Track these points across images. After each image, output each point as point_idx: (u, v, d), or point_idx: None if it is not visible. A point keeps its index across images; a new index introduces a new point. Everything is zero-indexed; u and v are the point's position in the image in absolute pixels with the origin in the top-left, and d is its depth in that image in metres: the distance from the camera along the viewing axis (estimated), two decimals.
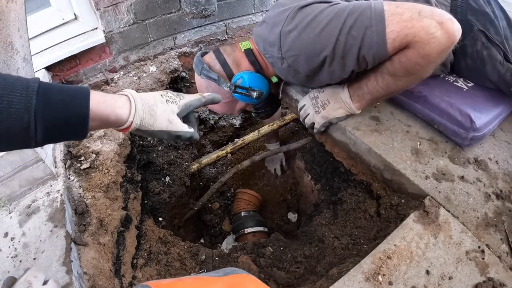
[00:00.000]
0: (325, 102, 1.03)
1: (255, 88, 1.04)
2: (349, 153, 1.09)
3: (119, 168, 1.10)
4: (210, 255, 1.17)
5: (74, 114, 0.50)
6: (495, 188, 0.92)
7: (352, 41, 0.81)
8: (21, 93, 0.45)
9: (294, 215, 1.78)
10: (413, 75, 0.85)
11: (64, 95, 0.50)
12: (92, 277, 0.81)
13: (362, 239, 0.98)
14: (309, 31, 0.85)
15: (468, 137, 0.95)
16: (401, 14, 0.77)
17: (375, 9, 0.79)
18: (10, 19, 0.74)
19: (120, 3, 1.35)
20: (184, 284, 0.50)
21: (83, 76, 1.45)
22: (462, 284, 0.73)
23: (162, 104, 0.63)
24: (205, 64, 1.05)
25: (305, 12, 0.87)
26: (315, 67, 0.91)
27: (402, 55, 0.81)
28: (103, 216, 0.96)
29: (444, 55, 0.79)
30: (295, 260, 1.09)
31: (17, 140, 0.47)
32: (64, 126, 0.50)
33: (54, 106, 0.48)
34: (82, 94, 0.51)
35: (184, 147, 1.63)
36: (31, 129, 0.46)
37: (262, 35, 0.99)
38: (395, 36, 0.77)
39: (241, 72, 1.05)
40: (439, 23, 0.74)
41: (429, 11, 0.76)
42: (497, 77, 0.98)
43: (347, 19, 0.81)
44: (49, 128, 0.48)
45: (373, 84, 0.91)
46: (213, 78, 1.04)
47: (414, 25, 0.75)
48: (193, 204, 1.57)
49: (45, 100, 0.47)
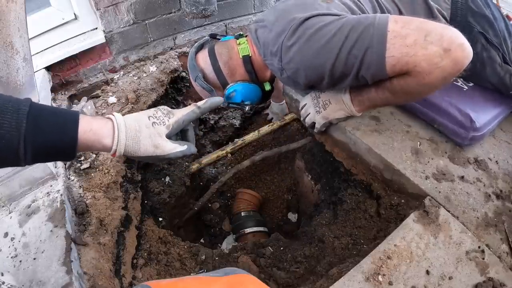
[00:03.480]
0: (326, 102, 1.03)
1: (246, 103, 1.06)
2: (349, 153, 1.09)
3: (119, 168, 1.10)
4: (210, 255, 1.17)
5: (62, 141, 0.52)
6: (495, 188, 0.92)
7: (353, 60, 0.78)
8: (12, 115, 0.46)
9: (294, 215, 1.78)
10: (412, 96, 0.84)
11: (54, 121, 0.51)
12: (92, 277, 0.81)
13: (362, 239, 0.98)
14: (310, 46, 0.83)
15: (468, 137, 0.96)
16: (404, 38, 0.71)
17: (378, 27, 0.74)
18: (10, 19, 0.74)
19: (120, 3, 1.35)
20: (184, 284, 0.50)
21: (83, 76, 1.45)
22: (462, 284, 0.73)
23: (147, 128, 0.61)
24: (199, 73, 1.05)
25: (308, 25, 0.83)
26: (314, 81, 0.91)
27: (402, 79, 0.77)
28: (103, 216, 0.96)
29: (448, 82, 0.75)
30: (295, 260, 1.09)
31: (7, 160, 0.49)
32: (52, 150, 0.52)
33: (44, 131, 0.49)
34: (72, 122, 0.53)
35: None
36: (20, 152, 0.48)
37: (263, 41, 0.96)
38: (395, 63, 0.73)
39: (235, 84, 1.05)
40: (445, 51, 0.68)
41: (438, 35, 0.69)
42: (497, 79, 0.99)
43: (349, 36, 0.77)
44: (38, 151, 0.50)
45: (373, 95, 0.90)
46: (207, 90, 1.05)
47: (417, 53, 0.70)
48: (193, 204, 1.57)
49: (35, 125, 0.48)
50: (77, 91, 1.43)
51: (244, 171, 1.90)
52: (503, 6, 1.13)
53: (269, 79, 1.09)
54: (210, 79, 1.06)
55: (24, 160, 0.49)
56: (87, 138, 0.55)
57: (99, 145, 0.57)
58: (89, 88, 1.46)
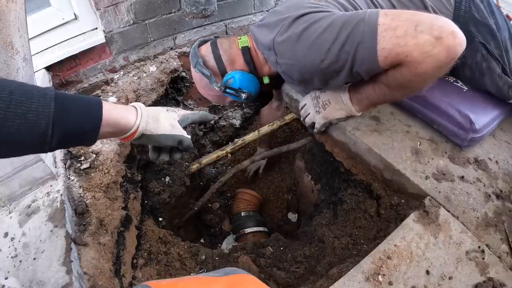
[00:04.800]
0: (326, 102, 1.03)
1: (244, 90, 1.05)
2: (349, 153, 1.09)
3: (119, 168, 1.10)
4: (210, 255, 1.17)
5: (88, 122, 0.55)
6: (495, 188, 0.92)
7: (345, 56, 0.78)
8: (39, 100, 0.47)
9: (294, 215, 1.79)
10: (409, 89, 0.84)
11: (80, 104, 0.54)
12: (92, 277, 0.81)
13: (362, 239, 0.98)
14: (301, 43, 0.84)
15: (468, 138, 0.95)
16: (395, 29, 0.71)
17: (368, 22, 0.74)
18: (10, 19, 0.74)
19: (120, 3, 1.35)
20: (184, 284, 0.50)
21: (83, 76, 1.45)
22: (462, 284, 0.73)
23: (164, 112, 0.71)
24: (200, 59, 1.05)
25: (300, 22, 0.84)
26: (307, 77, 0.91)
27: (396, 71, 0.78)
28: (103, 216, 0.96)
29: (443, 71, 0.75)
30: (295, 260, 1.09)
31: (33, 145, 0.49)
32: (77, 132, 0.53)
33: (71, 113, 0.51)
34: (97, 104, 0.56)
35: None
36: (48, 135, 0.48)
37: (260, 39, 0.99)
38: (387, 54, 0.73)
39: (233, 71, 1.05)
40: (437, 39, 0.68)
41: (428, 24, 0.69)
42: (495, 89, 0.99)
43: (340, 32, 0.77)
44: (64, 134, 0.51)
45: (370, 92, 0.90)
46: (205, 75, 1.05)
47: (407, 43, 0.70)
48: (193, 204, 1.57)
49: (62, 107, 0.50)
50: (77, 91, 1.43)
51: (244, 171, 1.90)
52: (503, 6, 1.13)
53: (268, 74, 1.09)
54: (210, 66, 1.07)
55: (50, 144, 0.49)
56: (112, 115, 0.59)
57: (123, 121, 0.61)
58: (89, 88, 1.46)
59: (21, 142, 0.47)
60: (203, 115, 0.79)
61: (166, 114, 0.71)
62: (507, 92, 0.98)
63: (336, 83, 0.90)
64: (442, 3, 0.97)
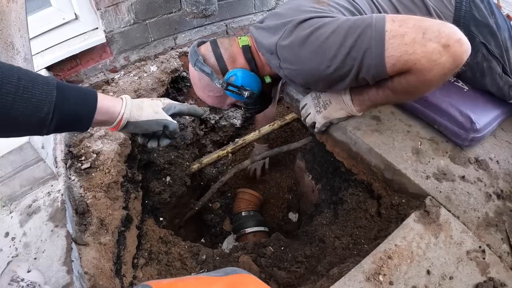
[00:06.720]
0: (326, 102, 1.03)
1: (246, 88, 1.03)
2: (350, 153, 1.09)
3: (119, 168, 1.10)
4: (210, 255, 1.17)
5: (84, 110, 0.61)
6: (496, 188, 0.91)
7: (351, 62, 0.78)
8: (43, 86, 0.53)
9: (295, 215, 1.78)
10: (414, 94, 0.85)
11: (78, 93, 0.60)
12: (92, 277, 0.81)
13: (362, 239, 0.98)
14: (305, 48, 0.83)
15: (468, 138, 0.95)
16: (402, 36, 0.71)
17: (375, 28, 0.74)
18: (11, 19, 0.74)
19: (120, 3, 1.35)
20: (184, 283, 0.50)
21: (84, 76, 1.45)
22: (462, 284, 0.73)
23: (148, 101, 0.76)
24: (200, 56, 1.04)
25: (304, 27, 0.84)
26: (311, 82, 0.91)
27: (402, 77, 0.78)
28: (103, 216, 0.96)
29: (448, 77, 0.76)
30: (296, 260, 1.09)
31: (33, 127, 0.54)
32: (74, 119, 0.59)
33: (70, 100, 0.57)
34: (92, 94, 0.63)
35: (185, 147, 1.63)
36: (48, 119, 0.54)
37: (262, 42, 0.98)
38: (395, 62, 0.73)
39: (235, 69, 1.04)
40: (444, 47, 0.69)
41: (436, 31, 0.70)
42: (496, 89, 0.99)
43: (346, 38, 0.77)
44: (62, 119, 0.56)
45: (373, 94, 0.90)
46: (206, 72, 1.03)
47: (416, 51, 0.70)
48: (194, 204, 1.57)
49: (63, 96, 0.56)
50: None
51: (245, 171, 1.90)
52: (503, 6, 1.13)
53: (269, 73, 1.09)
54: (210, 64, 1.05)
55: (48, 127, 0.55)
56: (104, 105, 0.65)
57: (111, 110, 0.67)
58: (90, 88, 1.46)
59: (23, 124, 0.52)
60: (191, 108, 0.83)
61: (150, 102, 0.76)
62: (508, 92, 0.98)
63: (340, 87, 0.90)
64: (444, 4, 0.97)
